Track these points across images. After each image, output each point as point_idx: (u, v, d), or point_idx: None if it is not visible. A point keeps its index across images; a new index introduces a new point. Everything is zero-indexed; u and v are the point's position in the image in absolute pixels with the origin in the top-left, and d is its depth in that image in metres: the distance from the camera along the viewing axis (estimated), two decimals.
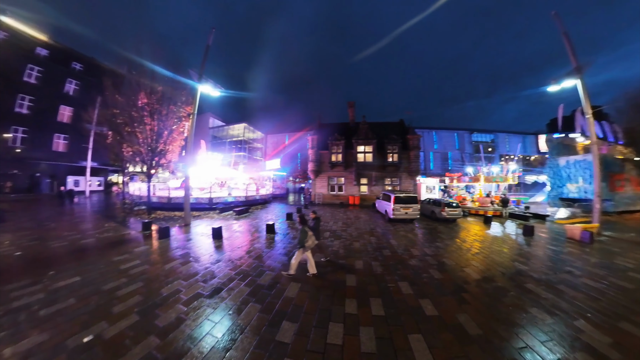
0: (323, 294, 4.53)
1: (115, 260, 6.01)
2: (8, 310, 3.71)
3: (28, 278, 4.81)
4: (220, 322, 3.60)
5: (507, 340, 3.30)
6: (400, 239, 9.03)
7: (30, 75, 21.78)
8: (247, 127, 36.08)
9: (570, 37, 10.04)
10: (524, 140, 40.11)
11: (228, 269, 5.71)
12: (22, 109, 21.19)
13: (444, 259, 6.69)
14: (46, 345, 2.98)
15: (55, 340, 3.09)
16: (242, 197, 17.97)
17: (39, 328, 3.30)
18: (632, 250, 7.72)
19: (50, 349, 2.92)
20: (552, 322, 3.75)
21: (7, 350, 2.87)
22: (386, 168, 22.54)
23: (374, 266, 6.06)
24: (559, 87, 10.61)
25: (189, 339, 3.20)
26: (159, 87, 11.95)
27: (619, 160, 16.94)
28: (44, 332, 3.23)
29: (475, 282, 5.22)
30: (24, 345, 2.97)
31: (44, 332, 3.23)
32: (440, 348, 3.13)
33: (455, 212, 12.64)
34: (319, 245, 5.89)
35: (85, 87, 25.03)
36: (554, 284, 5.10)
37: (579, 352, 3.07)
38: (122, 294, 4.34)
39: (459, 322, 3.71)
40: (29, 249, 6.72)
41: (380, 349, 3.12)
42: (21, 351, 2.88)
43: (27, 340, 3.05)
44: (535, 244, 8.55)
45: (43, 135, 22.61)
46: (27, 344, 2.99)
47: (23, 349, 2.91)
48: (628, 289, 4.90)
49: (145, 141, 11.96)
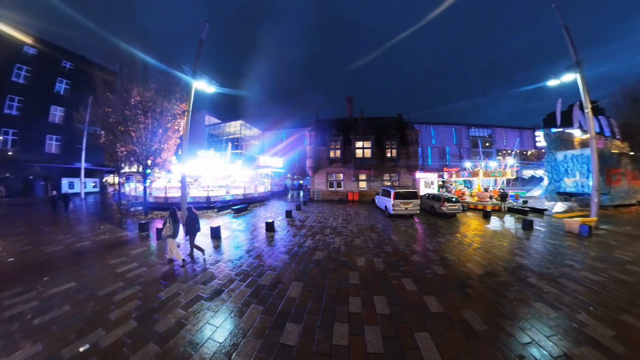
0: (327, 294, 4.46)
1: (111, 263, 5.88)
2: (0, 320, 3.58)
3: (21, 285, 4.67)
4: (222, 326, 3.51)
5: (513, 336, 3.28)
6: (401, 234, 9.01)
7: (19, 75, 21.16)
8: (243, 125, 35.73)
9: (570, 30, 9.95)
10: (521, 135, 40.32)
11: (228, 269, 5.61)
12: (12, 110, 20.63)
13: (445, 254, 6.67)
14: (40, 357, 2.86)
15: (50, 350, 2.97)
16: (241, 195, 17.82)
17: (33, 338, 3.17)
18: (629, 243, 7.78)
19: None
20: (556, 316, 3.74)
21: None
22: (385, 163, 22.50)
23: (376, 263, 6.01)
24: (559, 82, 10.57)
25: (189, 345, 3.10)
26: (152, 84, 11.65)
27: (615, 154, 17.06)
28: (38, 342, 3.10)
29: (478, 277, 5.20)
30: (17, 358, 2.84)
31: (38, 342, 3.10)
32: (447, 346, 3.09)
33: (455, 207, 12.66)
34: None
35: (76, 86, 24.40)
36: (556, 278, 5.11)
37: (584, 346, 3.06)
38: (119, 299, 4.22)
39: (465, 318, 3.67)
40: (22, 254, 6.55)
41: (388, 349, 3.06)
42: None
43: (20, 352, 2.91)
44: (534, 238, 8.59)
45: (35, 137, 22.08)
46: (20, 356, 2.86)
47: None
48: (628, 281, 4.93)
49: (139, 140, 11.70)
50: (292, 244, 7.73)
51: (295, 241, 8.02)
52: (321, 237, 8.52)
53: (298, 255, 6.56)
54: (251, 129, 38.23)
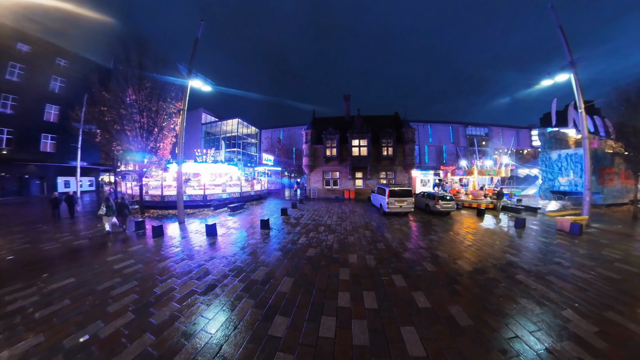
0: (317, 289, 4.53)
1: (108, 260, 5.94)
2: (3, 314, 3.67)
3: (21, 282, 4.74)
4: (214, 319, 3.60)
5: (497, 331, 3.36)
6: (394, 232, 9.10)
7: (13, 73, 20.94)
8: (240, 123, 35.66)
9: (564, 30, 10.03)
10: (518, 134, 40.56)
11: (222, 265, 5.67)
12: (6, 109, 20.42)
13: (437, 252, 6.76)
14: (43, 347, 2.97)
15: (52, 341, 3.08)
16: (237, 193, 17.84)
17: (35, 330, 3.28)
18: (619, 241, 7.91)
19: (46, 350, 2.91)
20: (541, 312, 3.82)
21: (4, 353, 2.87)
22: (381, 162, 22.58)
23: (368, 259, 6.09)
24: (553, 81, 10.66)
25: (183, 336, 3.21)
26: (148, 82, 11.62)
27: (608, 154, 17.26)
28: (40, 333, 3.22)
29: (467, 273, 5.29)
30: (20, 348, 2.95)
31: (40, 333, 3.22)
32: (432, 339, 3.17)
33: (449, 205, 12.77)
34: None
35: (71, 85, 24.16)
36: (544, 275, 5.21)
37: (565, 341, 3.14)
38: (117, 293, 4.31)
39: (451, 313, 3.76)
40: (21, 252, 6.59)
41: (373, 341, 3.14)
42: (18, 353, 2.87)
43: (24, 343, 3.03)
44: (526, 236, 8.71)
45: (29, 136, 21.89)
46: (24, 346, 2.98)
47: (19, 351, 2.90)
48: (614, 279, 5.02)
49: (135, 139, 11.69)
50: (286, 241, 7.79)
51: (289, 238, 8.08)
52: (315, 235, 8.59)
53: (291, 252, 6.63)
54: (248, 127, 38.17)
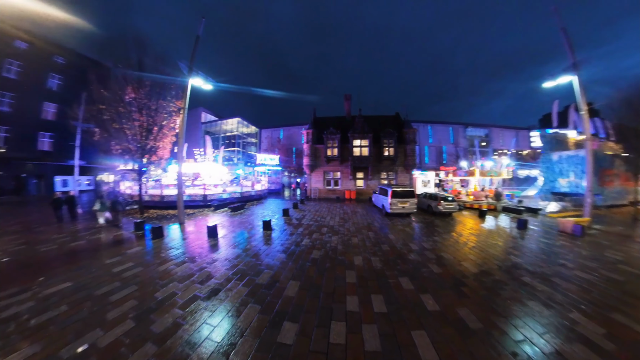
0: (324, 292, 4.48)
1: (107, 263, 5.82)
2: None
3: (16, 285, 4.61)
4: (219, 326, 3.50)
5: (507, 333, 3.33)
6: (398, 233, 9.07)
7: (10, 70, 20.66)
8: (240, 122, 35.50)
9: (568, 32, 10.02)
10: (518, 135, 40.70)
11: (225, 268, 5.59)
12: (3, 107, 20.16)
13: (442, 253, 6.73)
14: (38, 357, 2.83)
15: (48, 351, 2.94)
16: (237, 193, 17.74)
17: (30, 339, 3.14)
18: (620, 243, 7.93)
19: None
20: (549, 314, 3.81)
21: None
22: (382, 162, 22.56)
23: (373, 261, 6.05)
24: (555, 83, 10.66)
25: (187, 345, 3.09)
26: (147, 80, 11.47)
27: (608, 156, 17.34)
28: (35, 343, 3.07)
29: (473, 275, 5.26)
30: (15, 359, 2.80)
31: (35, 343, 3.07)
32: (443, 343, 3.13)
33: (451, 205, 12.77)
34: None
35: (69, 82, 23.90)
36: (549, 277, 5.20)
37: (575, 344, 3.12)
38: (116, 298, 4.19)
39: (460, 316, 3.72)
40: (16, 254, 6.46)
41: (385, 347, 3.09)
42: None
43: (18, 354, 2.87)
44: (528, 237, 8.71)
45: (27, 134, 21.62)
46: (18, 357, 2.83)
47: None
48: (618, 280, 5.02)
49: (134, 138, 11.55)
50: (290, 242, 7.73)
51: (292, 240, 8.02)
52: (318, 236, 8.53)
53: (295, 254, 6.56)
54: (248, 126, 38.01)
